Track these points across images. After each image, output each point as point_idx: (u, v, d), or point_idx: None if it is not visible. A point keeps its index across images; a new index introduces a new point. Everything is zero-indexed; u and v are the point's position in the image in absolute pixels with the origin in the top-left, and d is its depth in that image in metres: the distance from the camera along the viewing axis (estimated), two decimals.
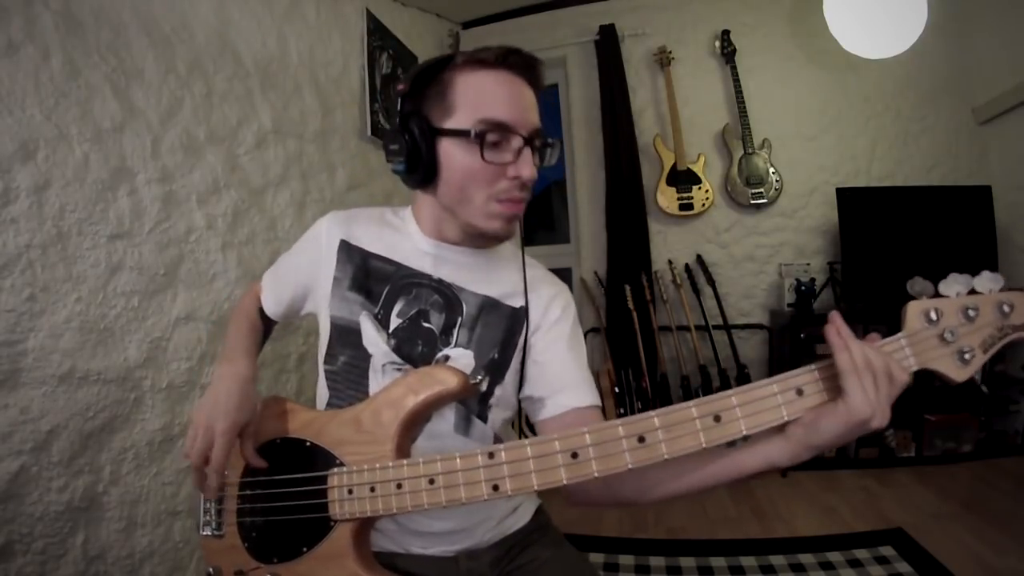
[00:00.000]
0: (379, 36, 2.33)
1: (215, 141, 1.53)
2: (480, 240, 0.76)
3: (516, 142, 0.69)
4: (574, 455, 0.53)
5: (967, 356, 0.50)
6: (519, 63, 0.71)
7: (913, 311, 0.52)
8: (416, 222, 0.80)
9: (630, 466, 0.52)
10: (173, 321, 1.36)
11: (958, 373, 0.51)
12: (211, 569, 0.74)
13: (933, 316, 0.51)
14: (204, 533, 0.75)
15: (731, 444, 0.56)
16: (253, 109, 1.68)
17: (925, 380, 2.38)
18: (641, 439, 0.52)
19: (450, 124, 0.69)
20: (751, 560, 1.72)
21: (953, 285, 0.52)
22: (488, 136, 0.68)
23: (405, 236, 0.80)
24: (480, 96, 0.69)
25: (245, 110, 1.64)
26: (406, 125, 0.70)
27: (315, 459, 0.69)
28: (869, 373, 0.50)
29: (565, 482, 0.54)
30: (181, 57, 1.43)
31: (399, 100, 0.73)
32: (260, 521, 0.71)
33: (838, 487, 2.23)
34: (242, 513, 0.73)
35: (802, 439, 0.56)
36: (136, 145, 1.29)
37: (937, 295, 0.52)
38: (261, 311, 0.89)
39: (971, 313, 0.51)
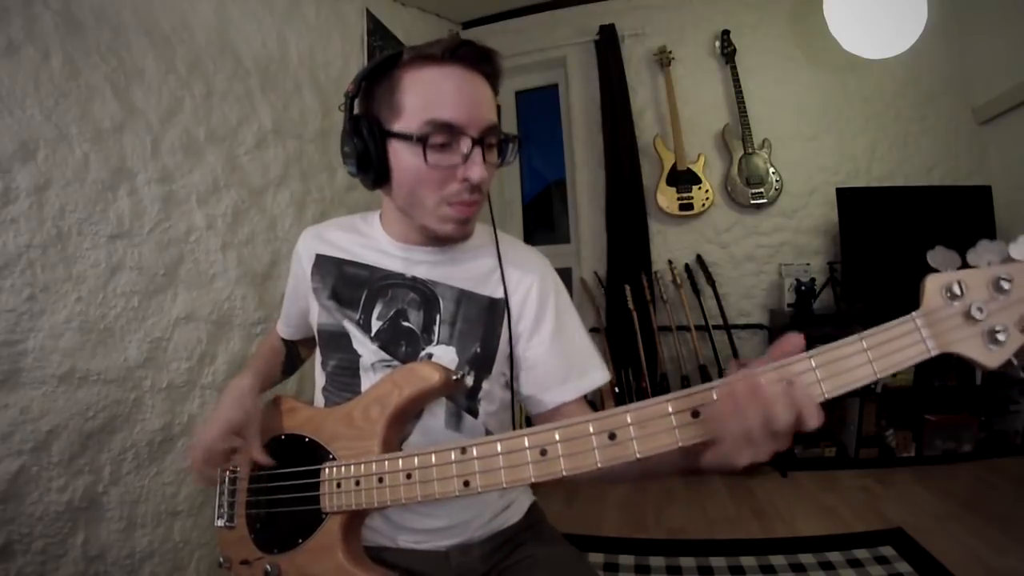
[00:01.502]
0: (379, 36, 2.33)
1: (215, 141, 1.53)
2: (439, 242, 0.76)
3: (465, 143, 0.66)
4: (543, 452, 0.52)
5: (1000, 337, 0.41)
6: (469, 55, 0.67)
7: (932, 285, 0.43)
8: (383, 226, 0.81)
9: (599, 465, 0.49)
10: (173, 321, 1.36)
11: (989, 358, 0.42)
12: (222, 558, 0.77)
13: (957, 290, 0.42)
14: (218, 524, 0.78)
15: None
16: (253, 109, 1.68)
17: (925, 381, 2.38)
18: (612, 436, 0.49)
19: (398, 126, 0.67)
20: (751, 560, 1.72)
21: (984, 254, 0.43)
22: (435, 138, 0.65)
23: (373, 242, 0.80)
24: (427, 95, 0.66)
25: (245, 110, 1.64)
26: (356, 127, 0.69)
27: (313, 454, 0.71)
28: (765, 436, 0.44)
29: (533, 480, 0.53)
30: (181, 57, 1.43)
31: (349, 101, 0.71)
32: (264, 513, 0.74)
33: (838, 487, 2.23)
34: (250, 505, 0.76)
35: (697, 464, 0.52)
36: (136, 145, 1.29)
37: (965, 267, 0.43)
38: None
39: (1004, 285, 0.41)
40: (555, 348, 0.77)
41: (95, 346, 1.18)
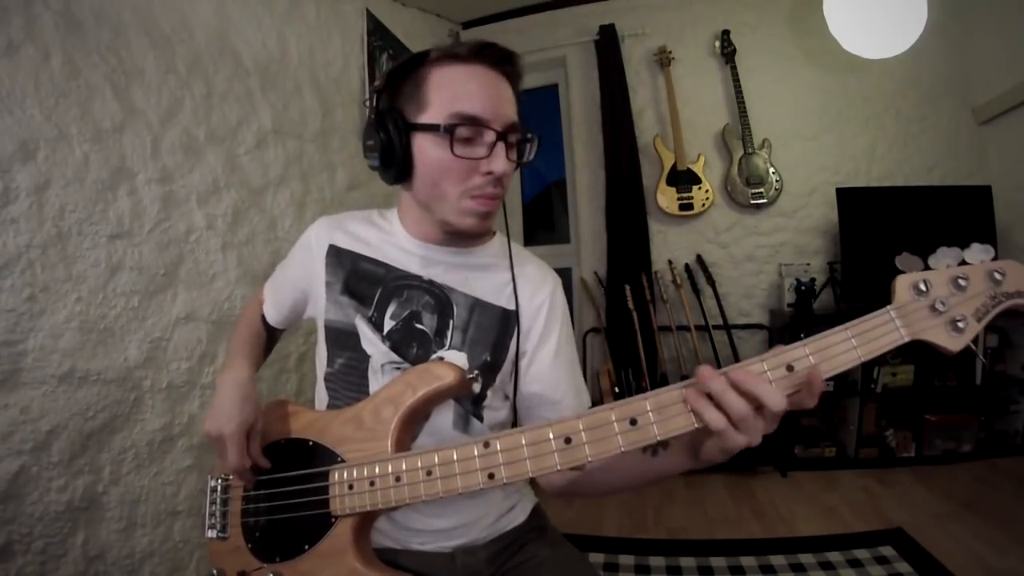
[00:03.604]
0: (379, 36, 2.33)
1: (215, 141, 1.53)
2: (459, 238, 0.76)
3: (489, 136, 0.68)
4: (567, 440, 0.54)
5: (960, 325, 0.49)
6: (493, 56, 0.70)
7: (902, 284, 0.51)
8: (401, 223, 0.81)
9: (622, 449, 0.52)
10: (173, 321, 1.36)
11: (952, 343, 0.50)
12: (215, 571, 0.74)
13: (923, 287, 0.50)
14: (209, 535, 0.76)
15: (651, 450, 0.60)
16: (253, 109, 1.68)
17: (925, 381, 2.38)
18: (633, 422, 0.52)
19: (423, 119, 0.69)
20: (751, 560, 1.72)
21: (943, 258, 0.51)
22: (460, 130, 0.67)
23: (392, 238, 0.80)
24: (452, 90, 0.68)
25: (245, 110, 1.64)
26: (381, 121, 0.70)
27: (317, 457, 0.70)
28: (746, 422, 0.48)
29: (559, 467, 0.54)
30: (181, 57, 1.43)
31: (374, 96, 0.73)
32: (263, 521, 0.72)
33: (838, 487, 2.23)
34: (246, 514, 0.74)
35: (697, 456, 0.57)
36: (136, 145, 1.29)
37: (927, 269, 0.51)
38: (264, 319, 0.91)
39: (961, 282, 0.50)
40: (555, 367, 0.79)
41: (95, 346, 1.18)
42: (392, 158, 0.71)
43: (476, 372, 0.75)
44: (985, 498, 2.03)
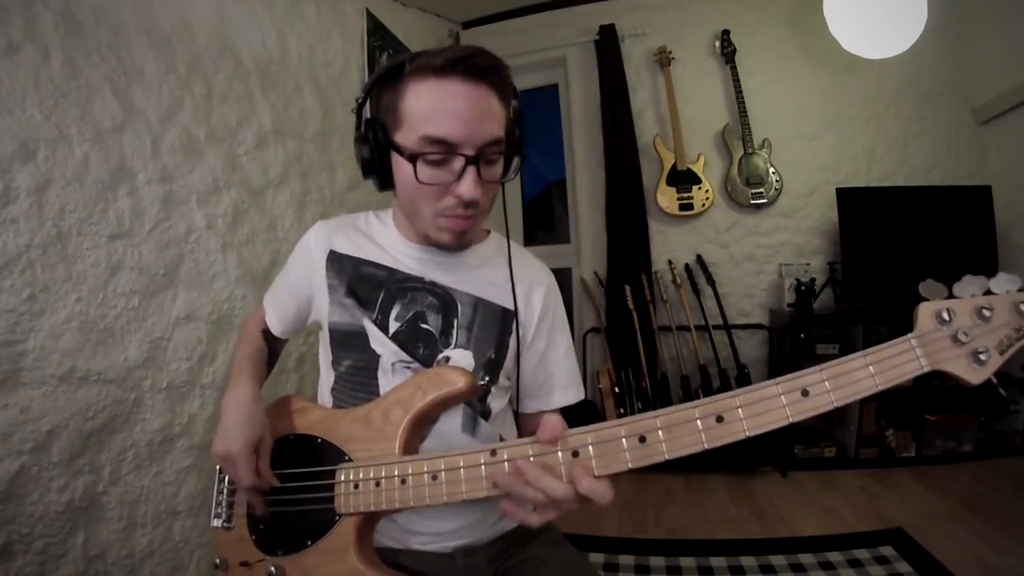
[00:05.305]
0: (379, 36, 2.33)
1: (215, 141, 1.53)
2: (442, 247, 0.77)
3: (458, 162, 0.66)
4: (575, 453, 0.54)
5: (982, 357, 0.48)
6: (473, 68, 0.65)
7: (925, 312, 0.50)
8: (396, 226, 0.82)
9: (630, 465, 0.52)
10: (173, 321, 1.36)
11: (973, 375, 0.49)
12: (218, 560, 0.76)
13: (945, 316, 0.49)
14: (214, 524, 0.77)
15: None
16: (253, 109, 1.68)
17: (925, 380, 2.38)
18: (642, 439, 0.52)
19: (398, 137, 0.68)
20: (751, 560, 1.72)
21: (968, 287, 0.50)
22: (429, 154, 0.65)
23: (389, 241, 0.81)
24: (423, 110, 0.66)
25: (245, 110, 1.64)
26: (364, 135, 0.70)
27: (325, 455, 0.70)
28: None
29: (564, 480, 0.54)
30: (181, 57, 1.43)
31: (358, 108, 0.72)
32: (269, 514, 0.73)
33: (838, 487, 2.23)
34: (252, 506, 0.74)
35: None
36: (136, 145, 1.29)
37: (951, 297, 0.50)
38: (266, 333, 0.90)
39: (986, 313, 0.49)
40: (541, 366, 0.83)
41: (95, 346, 1.18)
42: (373, 171, 0.72)
43: (487, 378, 0.76)
44: (985, 498, 2.03)
